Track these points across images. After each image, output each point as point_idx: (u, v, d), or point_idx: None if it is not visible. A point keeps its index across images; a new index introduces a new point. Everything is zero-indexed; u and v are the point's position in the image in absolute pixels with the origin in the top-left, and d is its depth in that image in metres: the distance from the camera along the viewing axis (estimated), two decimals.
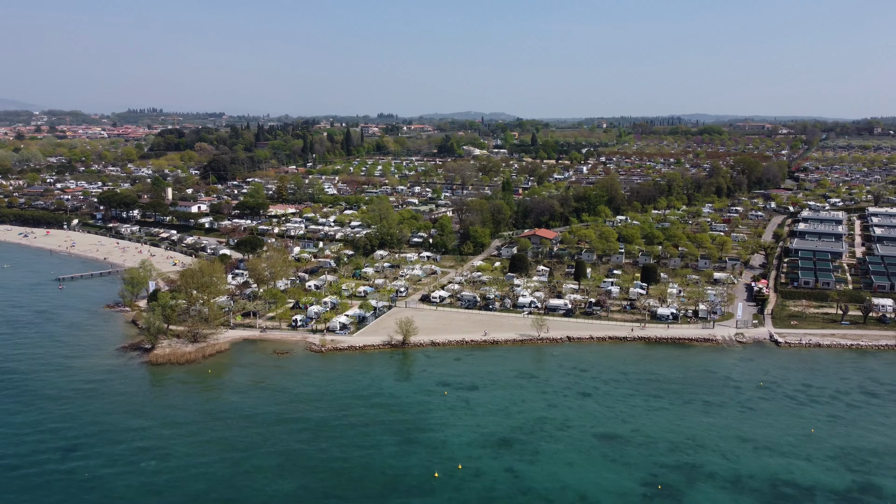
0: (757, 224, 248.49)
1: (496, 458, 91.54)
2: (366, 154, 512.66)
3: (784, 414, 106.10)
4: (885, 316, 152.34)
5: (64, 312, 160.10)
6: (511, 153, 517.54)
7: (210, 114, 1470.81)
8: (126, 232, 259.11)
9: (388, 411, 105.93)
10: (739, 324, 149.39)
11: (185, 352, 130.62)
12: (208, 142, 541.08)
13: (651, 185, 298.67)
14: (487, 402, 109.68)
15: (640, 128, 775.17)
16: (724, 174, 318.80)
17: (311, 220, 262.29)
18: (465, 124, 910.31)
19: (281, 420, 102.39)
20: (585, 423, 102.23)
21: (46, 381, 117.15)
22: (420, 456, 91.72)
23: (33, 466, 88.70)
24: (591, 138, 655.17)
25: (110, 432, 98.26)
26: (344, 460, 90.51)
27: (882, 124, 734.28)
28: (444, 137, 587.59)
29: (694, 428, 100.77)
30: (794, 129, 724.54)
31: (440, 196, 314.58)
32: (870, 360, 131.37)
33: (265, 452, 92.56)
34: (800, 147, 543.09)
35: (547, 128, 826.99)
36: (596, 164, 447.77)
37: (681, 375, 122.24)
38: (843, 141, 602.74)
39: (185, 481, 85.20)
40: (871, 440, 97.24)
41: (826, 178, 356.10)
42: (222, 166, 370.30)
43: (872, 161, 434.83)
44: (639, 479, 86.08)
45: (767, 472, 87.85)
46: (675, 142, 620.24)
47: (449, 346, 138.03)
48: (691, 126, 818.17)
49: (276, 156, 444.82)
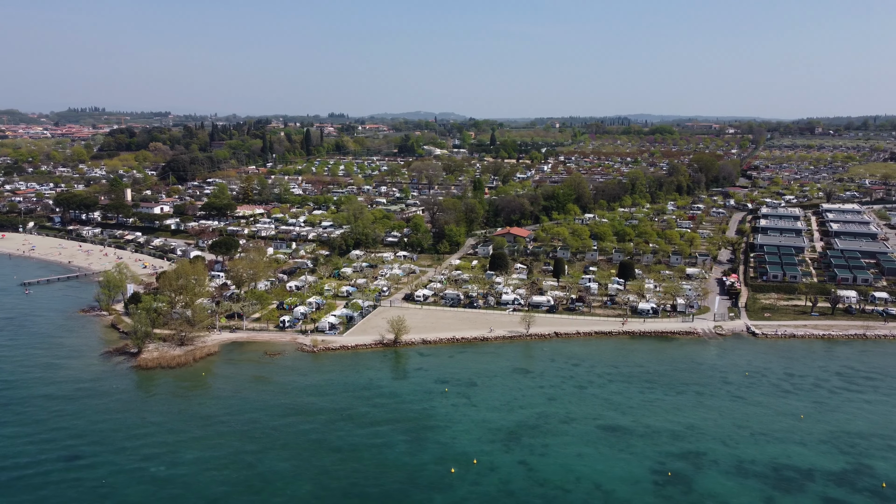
0: (719, 221, 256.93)
1: (507, 451, 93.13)
2: (326, 154, 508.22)
3: (772, 401, 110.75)
4: (851, 307, 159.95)
5: (36, 318, 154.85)
6: (471, 153, 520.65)
7: (156, 113, 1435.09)
8: (88, 234, 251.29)
9: (392, 410, 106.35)
10: (717, 317, 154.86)
11: (174, 355, 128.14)
12: (161, 142, 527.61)
13: (615, 183, 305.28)
14: (489, 398, 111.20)
15: (594, 128, 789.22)
16: (682, 172, 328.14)
17: (281, 220, 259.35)
18: (420, 124, 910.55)
19: (286, 422, 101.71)
20: (587, 416, 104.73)
21: (32, 390, 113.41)
22: (432, 452, 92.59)
23: (38, 477, 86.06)
24: (547, 138, 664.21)
25: (111, 439, 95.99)
26: (358, 459, 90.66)
27: (822, 124, 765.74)
28: (403, 137, 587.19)
29: (691, 417, 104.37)
30: (741, 128, 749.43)
31: (408, 196, 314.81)
32: (842, 349, 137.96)
33: (276, 454, 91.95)
34: (748, 146, 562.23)
35: (501, 128, 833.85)
36: (556, 163, 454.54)
37: (669, 367, 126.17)
38: (787, 140, 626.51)
39: (200, 486, 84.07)
40: (855, 424, 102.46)
41: (778, 176, 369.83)
42: (182, 166, 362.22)
43: (818, 160, 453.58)
44: (648, 468, 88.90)
45: (767, 457, 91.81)
46: (629, 141, 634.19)
47: (440, 343, 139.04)
48: (640, 126, 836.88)
49: (236, 156, 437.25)
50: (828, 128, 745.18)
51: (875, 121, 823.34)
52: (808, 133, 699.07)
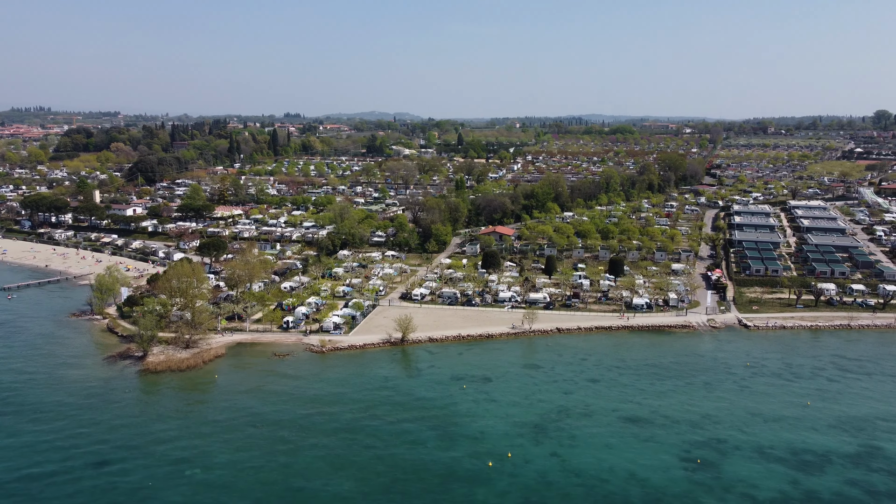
0: (695, 218, 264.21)
1: (538, 444, 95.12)
2: (293, 154, 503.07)
3: (777, 390, 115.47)
4: (832, 299, 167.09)
5: (26, 323, 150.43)
6: (440, 153, 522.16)
7: (104, 113, 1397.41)
8: (60, 238, 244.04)
9: (414, 407, 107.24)
10: (708, 310, 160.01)
11: (182, 358, 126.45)
12: (121, 142, 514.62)
13: (590, 182, 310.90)
14: (507, 393, 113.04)
15: (556, 128, 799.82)
16: (653, 171, 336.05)
17: (261, 221, 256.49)
18: (381, 124, 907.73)
19: (311, 422, 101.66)
20: (605, 408, 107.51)
21: (41, 396, 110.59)
22: (465, 447, 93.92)
23: (69, 484, 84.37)
24: (511, 138, 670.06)
25: (136, 444, 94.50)
26: (392, 457, 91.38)
27: (774, 124, 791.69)
28: (370, 137, 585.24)
29: (705, 407, 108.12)
30: (697, 128, 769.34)
31: (386, 196, 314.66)
32: (830, 339, 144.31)
33: (309, 454, 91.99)
34: (707, 145, 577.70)
35: (463, 127, 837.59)
36: (526, 163, 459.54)
37: (673, 360, 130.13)
38: (743, 139, 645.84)
39: (241, 487, 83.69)
40: (858, 409, 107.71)
41: (743, 174, 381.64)
42: (150, 167, 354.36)
43: (776, 158, 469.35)
44: (675, 456, 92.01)
45: (784, 442, 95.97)
46: (592, 141, 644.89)
47: (446, 341, 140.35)
48: (600, 126, 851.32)
49: (203, 156, 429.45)
50: (779, 127, 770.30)
51: (821, 121, 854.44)
52: (762, 132, 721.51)
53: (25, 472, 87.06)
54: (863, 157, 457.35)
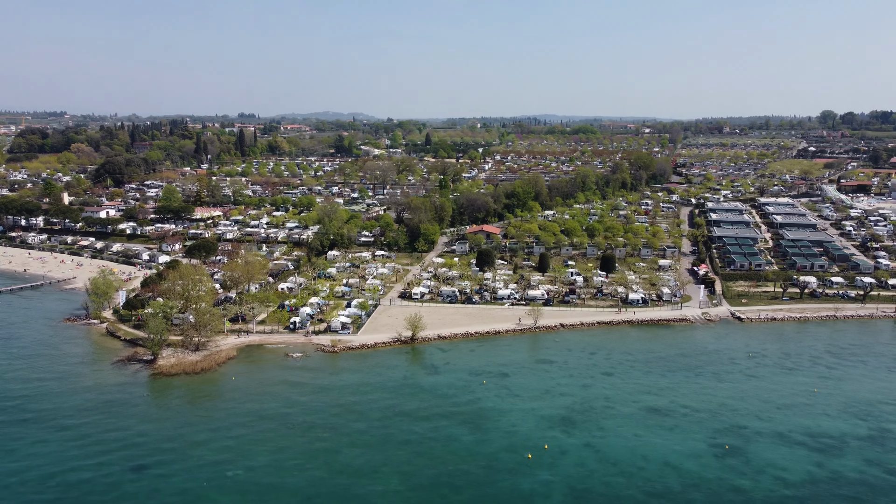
0: (672, 215, 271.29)
1: (570, 436, 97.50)
2: (260, 154, 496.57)
3: (783, 378, 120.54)
4: (816, 291, 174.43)
5: (19, 330, 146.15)
6: (409, 153, 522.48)
7: (50, 112, 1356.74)
8: (34, 241, 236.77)
9: (440, 404, 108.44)
10: (702, 304, 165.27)
11: (195, 361, 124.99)
12: (79, 143, 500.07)
13: (566, 181, 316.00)
14: (527, 388, 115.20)
15: (519, 127, 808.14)
16: (624, 170, 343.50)
17: (243, 222, 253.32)
18: (344, 125, 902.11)
19: (342, 421, 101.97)
20: (625, 400, 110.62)
21: (58, 402, 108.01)
22: (500, 441, 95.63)
23: (110, 490, 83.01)
24: (476, 138, 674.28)
25: (168, 447, 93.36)
26: (431, 452, 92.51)
27: (728, 124, 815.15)
28: (336, 137, 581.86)
29: (719, 396, 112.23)
30: (655, 128, 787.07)
31: (365, 195, 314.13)
32: (820, 329, 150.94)
33: (348, 452, 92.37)
34: (668, 145, 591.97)
35: (425, 128, 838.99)
36: (497, 162, 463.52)
37: (678, 352, 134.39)
38: (701, 139, 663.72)
39: (288, 487, 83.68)
40: (862, 395, 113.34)
41: (709, 172, 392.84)
42: (118, 169, 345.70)
43: (736, 157, 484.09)
44: (703, 443, 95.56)
45: (801, 427, 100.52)
46: (556, 141, 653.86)
47: (455, 338, 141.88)
48: (563, 126, 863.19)
49: (170, 157, 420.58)
50: (734, 127, 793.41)
51: (772, 121, 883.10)
52: (717, 132, 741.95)
53: (61, 479, 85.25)
54: (817, 156, 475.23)
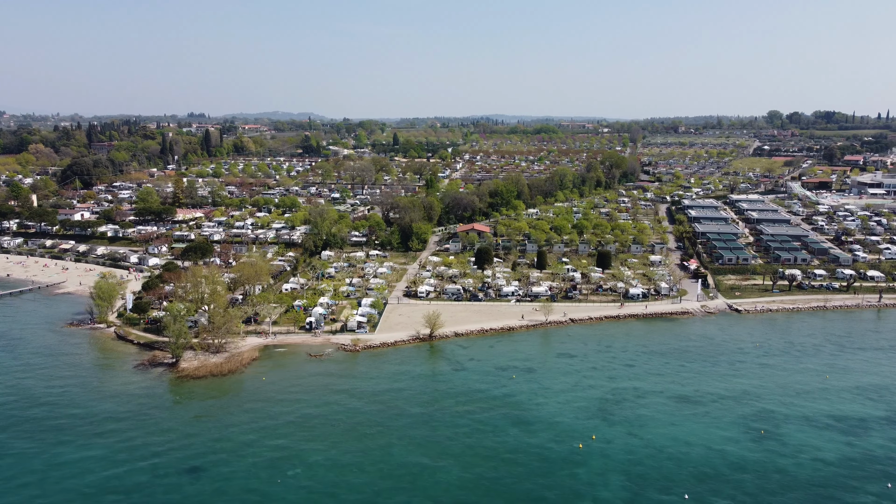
0: (651, 212, 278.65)
1: (611, 426, 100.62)
2: (227, 155, 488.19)
3: (793, 366, 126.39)
4: (803, 283, 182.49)
5: (23, 336, 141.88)
6: (378, 153, 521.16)
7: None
8: (11, 245, 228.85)
9: (476, 399, 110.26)
10: (699, 297, 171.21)
11: (218, 363, 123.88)
12: (35, 143, 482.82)
13: (543, 180, 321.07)
14: (555, 381, 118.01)
15: (482, 127, 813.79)
16: (598, 169, 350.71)
17: (228, 224, 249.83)
18: (303, 125, 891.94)
19: (385, 418, 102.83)
20: (653, 390, 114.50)
21: (90, 408, 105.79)
22: (546, 433, 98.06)
23: (171, 492, 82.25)
24: (441, 138, 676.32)
25: (220, 448, 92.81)
26: (482, 445, 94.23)
27: (683, 123, 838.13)
28: (303, 137, 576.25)
29: (740, 384, 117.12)
30: (613, 127, 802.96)
31: (347, 195, 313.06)
32: (813, 319, 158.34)
33: (402, 448, 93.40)
34: (629, 144, 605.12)
35: (387, 128, 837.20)
36: (470, 162, 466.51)
37: (688, 343, 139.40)
38: (660, 138, 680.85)
39: (350, 483, 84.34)
40: (869, 379, 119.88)
41: (677, 171, 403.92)
42: (86, 170, 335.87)
43: (698, 156, 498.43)
44: (738, 428, 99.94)
45: (823, 411, 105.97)
46: (519, 140, 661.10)
47: (471, 335, 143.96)
48: (523, 126, 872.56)
49: (136, 158, 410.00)
50: (689, 127, 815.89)
51: (724, 120, 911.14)
52: (673, 131, 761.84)
53: (117, 483, 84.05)
54: (774, 154, 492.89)
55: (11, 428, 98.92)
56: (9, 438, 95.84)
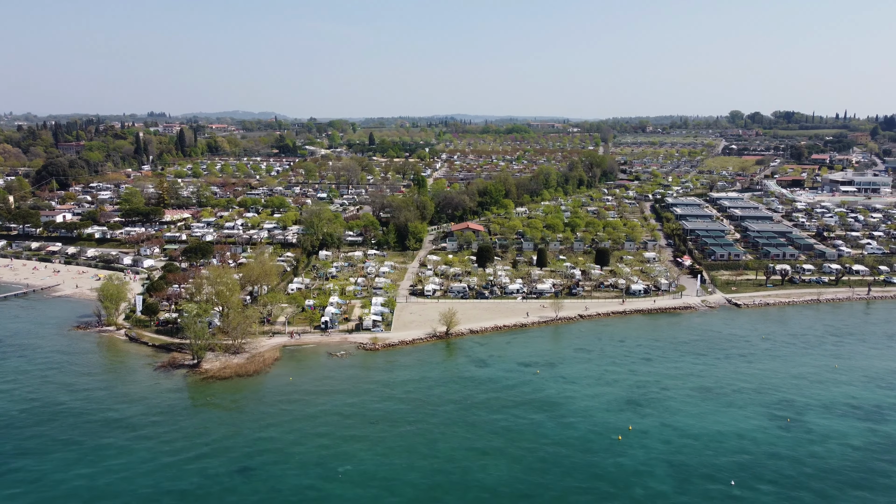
0: (637, 210, 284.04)
1: (643, 417, 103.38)
2: (202, 155, 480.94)
3: (801, 358, 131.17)
4: (794, 278, 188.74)
5: (31, 340, 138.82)
6: (356, 153, 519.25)
7: None
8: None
9: (506, 394, 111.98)
10: (698, 293, 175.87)
11: (242, 363, 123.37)
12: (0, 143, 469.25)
13: (528, 179, 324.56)
14: (579, 375, 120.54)
15: (454, 127, 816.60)
16: (579, 168, 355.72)
17: (217, 224, 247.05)
18: (272, 124, 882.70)
19: (421, 414, 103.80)
20: (676, 382, 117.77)
21: (120, 412, 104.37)
22: (582, 425, 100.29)
23: (226, 494, 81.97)
24: (414, 137, 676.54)
25: (264, 448, 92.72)
26: (523, 439, 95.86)
27: (651, 123, 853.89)
28: (278, 137, 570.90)
29: (756, 375, 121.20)
30: (582, 127, 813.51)
31: (335, 195, 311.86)
32: (809, 312, 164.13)
33: (444, 445, 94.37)
34: (601, 143, 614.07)
35: (358, 127, 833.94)
36: (449, 161, 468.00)
37: (697, 337, 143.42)
38: (630, 137, 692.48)
39: (403, 479, 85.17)
40: (876, 367, 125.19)
41: (655, 169, 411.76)
42: (61, 170, 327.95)
43: (670, 155, 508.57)
44: (764, 417, 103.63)
45: (840, 399, 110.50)
46: (493, 140, 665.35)
47: (486, 332, 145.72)
48: (495, 125, 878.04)
49: (111, 158, 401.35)
50: (656, 127, 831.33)
51: (690, 120, 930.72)
52: (642, 131, 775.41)
53: (169, 486, 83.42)
54: (743, 153, 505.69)
55: (44, 435, 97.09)
56: (44, 444, 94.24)
